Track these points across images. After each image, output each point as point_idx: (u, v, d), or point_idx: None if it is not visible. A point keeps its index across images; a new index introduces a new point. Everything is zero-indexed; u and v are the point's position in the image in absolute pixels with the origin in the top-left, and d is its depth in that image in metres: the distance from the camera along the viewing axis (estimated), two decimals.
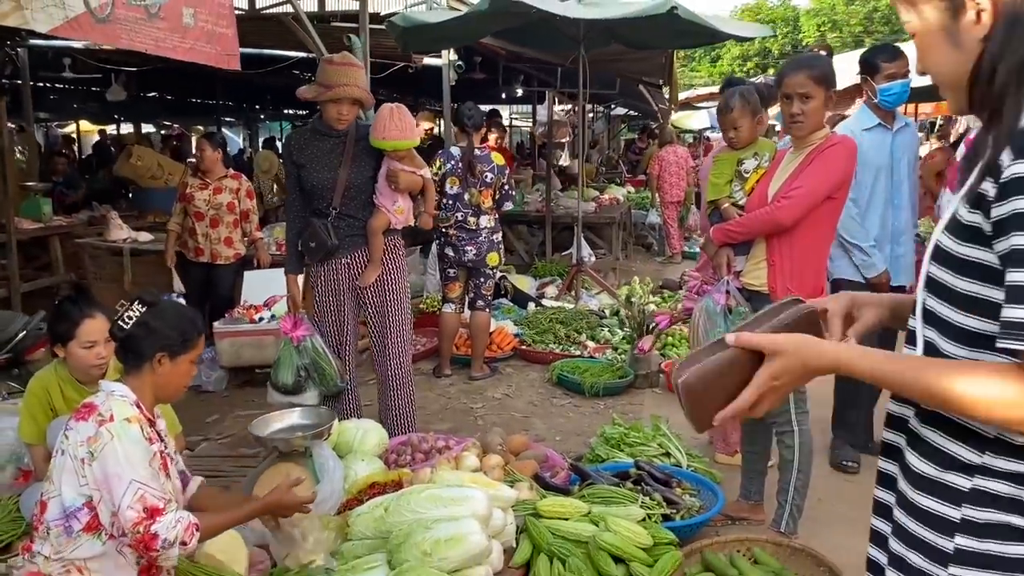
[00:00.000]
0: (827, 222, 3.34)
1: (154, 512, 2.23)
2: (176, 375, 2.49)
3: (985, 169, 1.19)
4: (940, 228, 1.28)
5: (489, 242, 5.81)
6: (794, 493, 3.47)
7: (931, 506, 1.29)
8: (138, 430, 2.32)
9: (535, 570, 3.03)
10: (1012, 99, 1.19)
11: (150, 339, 2.43)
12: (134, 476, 2.24)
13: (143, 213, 9.49)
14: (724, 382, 1.35)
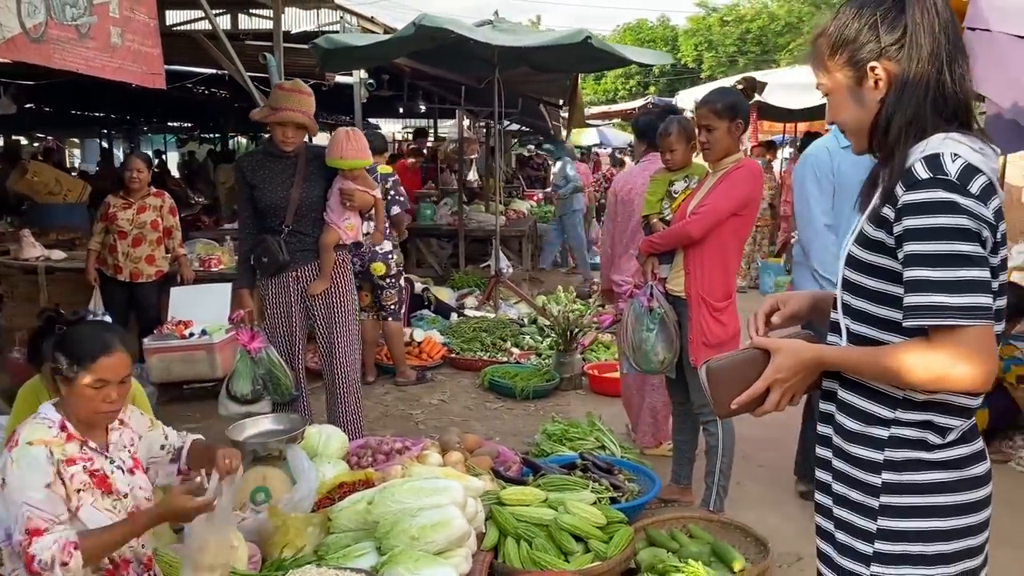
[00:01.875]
0: (734, 235, 3.78)
1: (33, 533, 2.25)
2: (79, 398, 2.45)
3: (884, 197, 1.62)
4: (851, 241, 1.71)
5: (371, 252, 5.94)
6: (720, 475, 3.92)
7: (860, 453, 1.70)
8: (40, 452, 2.35)
9: (505, 551, 3.35)
10: (903, 145, 1.62)
11: (53, 359, 2.48)
12: (25, 500, 2.28)
13: (44, 230, 9.25)
14: (743, 374, 1.73)
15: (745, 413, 1.79)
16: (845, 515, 1.73)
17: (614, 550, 3.32)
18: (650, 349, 3.77)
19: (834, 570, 1.76)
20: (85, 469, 2.46)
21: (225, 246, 7.36)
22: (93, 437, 2.55)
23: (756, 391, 1.73)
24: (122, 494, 2.56)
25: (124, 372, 2.52)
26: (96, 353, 2.44)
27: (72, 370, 2.43)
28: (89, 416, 2.50)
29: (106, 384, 2.46)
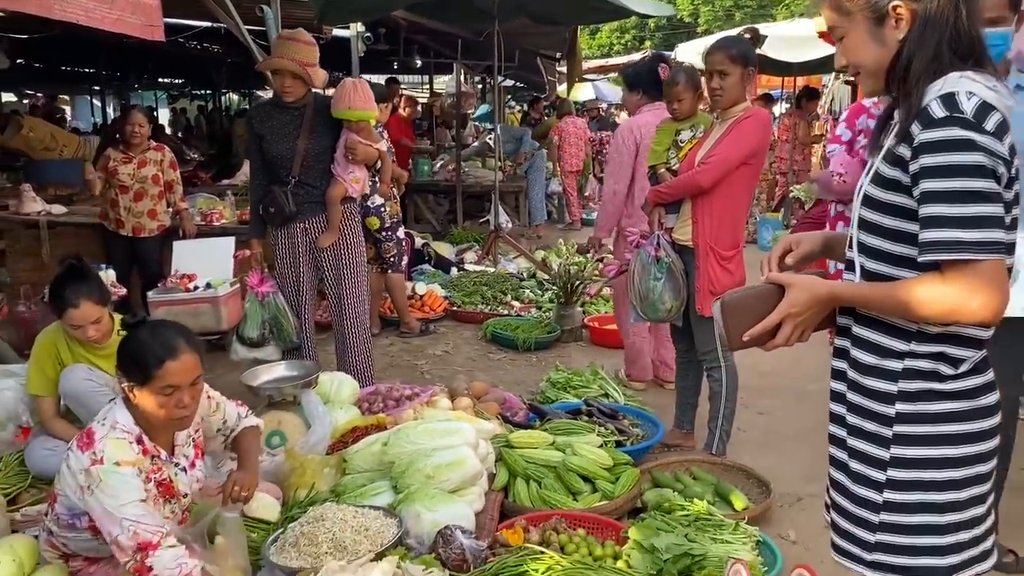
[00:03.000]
0: (743, 185, 3.82)
1: (147, 547, 2.26)
2: (148, 406, 2.38)
3: (900, 136, 1.67)
4: (866, 180, 1.76)
5: (363, 208, 5.91)
6: (723, 420, 4.02)
7: (875, 385, 1.77)
8: (129, 472, 2.35)
9: (515, 491, 3.46)
10: (921, 84, 1.66)
11: (119, 368, 2.44)
12: (125, 516, 2.28)
13: (41, 186, 9.22)
14: (756, 308, 1.79)
15: (756, 347, 1.85)
16: (859, 445, 1.81)
17: (621, 489, 3.42)
18: (657, 298, 3.83)
19: (848, 497, 1.84)
20: (155, 481, 2.48)
21: (226, 200, 7.37)
22: (162, 443, 2.52)
23: (769, 324, 1.79)
24: (182, 494, 2.60)
25: (194, 374, 2.41)
26: (162, 357, 2.34)
27: (138, 378, 2.36)
28: (163, 423, 2.44)
29: (176, 389, 2.37)
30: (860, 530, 1.81)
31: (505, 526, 3.07)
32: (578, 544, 2.93)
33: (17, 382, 3.54)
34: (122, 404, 2.47)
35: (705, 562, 2.80)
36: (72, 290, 3.26)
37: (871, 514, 1.78)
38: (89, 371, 3.36)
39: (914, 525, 1.75)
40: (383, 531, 2.75)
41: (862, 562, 1.81)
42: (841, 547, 1.87)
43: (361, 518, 2.79)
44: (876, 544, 1.78)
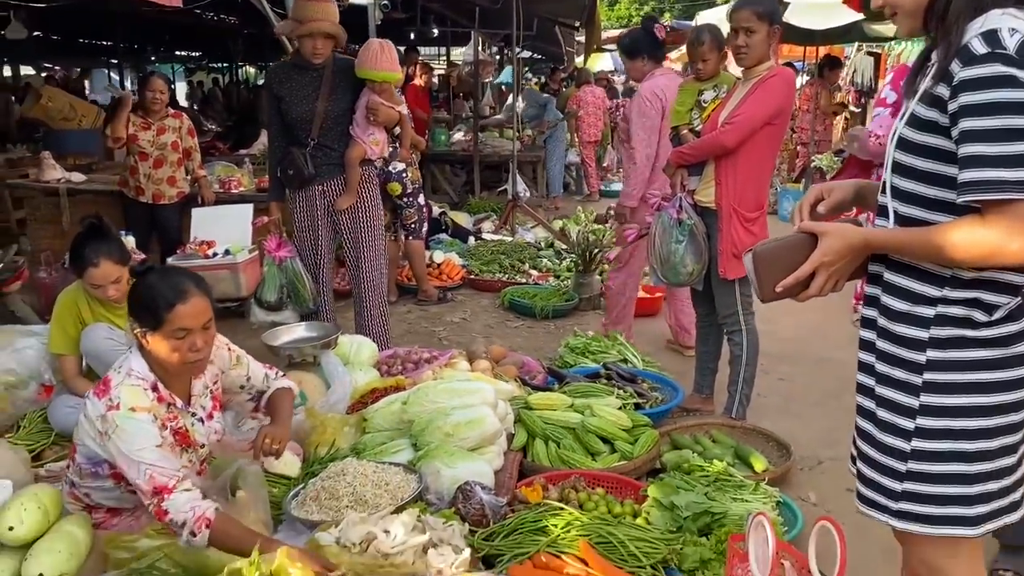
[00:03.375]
0: (767, 145, 3.77)
1: (162, 490, 2.26)
2: (161, 351, 2.37)
3: (939, 76, 1.62)
4: (902, 123, 1.72)
5: (385, 173, 5.94)
6: (743, 384, 4.00)
7: (906, 332, 1.74)
8: (144, 418, 2.35)
9: (533, 451, 3.46)
10: (962, 22, 1.61)
11: (130, 315, 2.43)
12: (141, 460, 2.28)
13: (60, 155, 9.27)
14: (789, 258, 1.76)
15: (789, 298, 1.82)
16: (888, 393, 1.78)
17: (640, 450, 3.42)
18: (679, 261, 3.80)
19: (875, 446, 1.81)
20: (171, 430, 2.48)
21: (244, 168, 7.37)
22: (178, 391, 2.52)
23: (802, 274, 1.76)
24: (199, 445, 2.59)
25: (205, 317, 2.40)
26: (172, 301, 2.33)
27: (150, 323, 2.34)
28: (177, 368, 2.42)
29: (188, 333, 2.35)
30: (887, 479, 1.78)
31: (524, 484, 3.07)
32: (597, 502, 2.93)
33: (39, 341, 3.56)
34: (137, 353, 2.47)
35: (725, 520, 2.80)
36: (92, 249, 3.27)
37: (898, 463, 1.76)
38: (110, 330, 3.38)
39: (942, 474, 1.72)
40: (403, 486, 2.76)
41: (888, 511, 1.79)
42: (867, 497, 1.85)
43: (381, 473, 2.80)
44: (903, 493, 1.76)
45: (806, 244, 1.76)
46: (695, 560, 2.58)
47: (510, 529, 2.67)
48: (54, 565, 2.23)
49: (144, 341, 2.38)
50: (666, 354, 5.22)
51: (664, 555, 2.58)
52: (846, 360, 5.04)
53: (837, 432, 4.09)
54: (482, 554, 2.59)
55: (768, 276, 1.79)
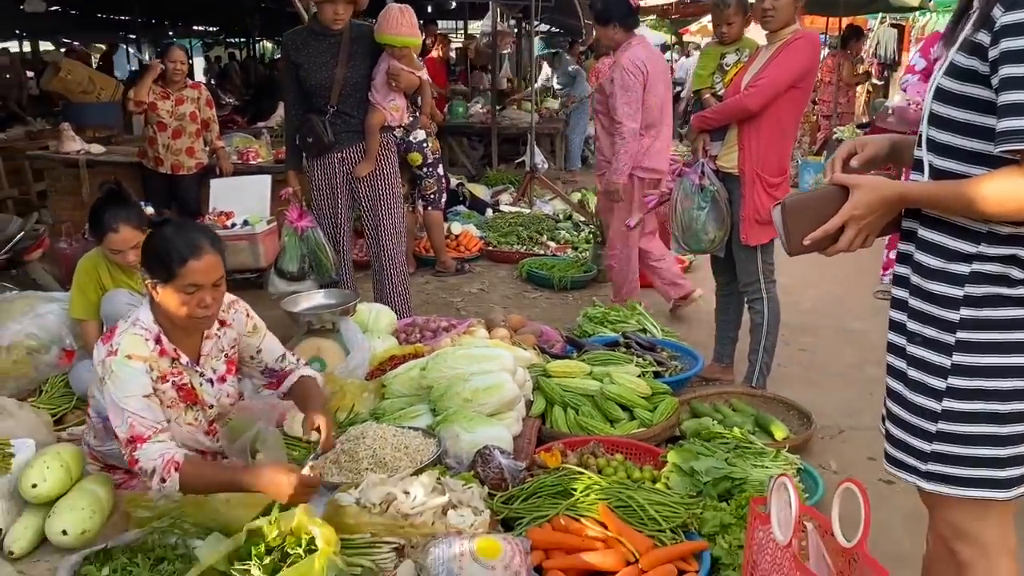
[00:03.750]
0: (791, 109, 3.71)
1: (136, 439, 2.27)
2: (171, 305, 2.36)
3: (980, 22, 1.57)
4: (940, 74, 1.67)
5: (406, 143, 5.92)
6: (763, 353, 3.96)
7: (939, 290, 1.70)
8: (138, 367, 2.35)
9: (552, 418, 3.45)
10: None
11: (143, 266, 2.43)
12: (126, 407, 2.29)
13: (80, 128, 9.30)
14: (819, 210, 1.72)
15: (816, 251, 1.78)
16: (919, 352, 1.74)
17: (659, 417, 3.40)
18: (700, 228, 3.76)
19: (904, 406, 1.78)
20: (174, 385, 2.47)
21: (262, 139, 7.36)
22: (185, 348, 2.50)
23: (832, 227, 1.72)
24: (208, 405, 2.58)
25: (216, 275, 2.38)
26: (186, 255, 2.31)
27: (161, 275, 2.34)
28: (184, 323, 2.41)
29: (199, 288, 2.35)
30: (916, 440, 1.75)
31: (543, 449, 3.06)
32: (616, 468, 2.91)
33: (60, 307, 3.58)
34: (147, 305, 2.47)
35: (745, 485, 2.78)
36: (112, 215, 3.27)
37: (928, 423, 1.72)
38: (130, 295, 3.39)
39: (973, 435, 1.69)
40: (422, 449, 2.76)
41: (916, 472, 1.77)
42: (895, 458, 1.82)
43: (401, 437, 2.80)
44: (932, 454, 1.73)
45: (837, 197, 1.72)
46: (715, 524, 2.57)
47: (529, 493, 2.66)
48: (76, 522, 2.25)
49: (154, 292, 2.38)
50: (685, 324, 5.19)
51: (684, 519, 2.57)
52: (868, 331, 5.00)
53: (858, 402, 4.05)
54: (501, 517, 2.59)
55: (797, 228, 1.75)
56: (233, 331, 2.63)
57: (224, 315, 2.59)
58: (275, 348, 2.73)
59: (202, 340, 2.55)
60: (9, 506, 2.30)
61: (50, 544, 2.28)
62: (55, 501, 2.31)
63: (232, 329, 2.63)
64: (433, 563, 2.17)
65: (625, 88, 4.50)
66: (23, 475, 2.30)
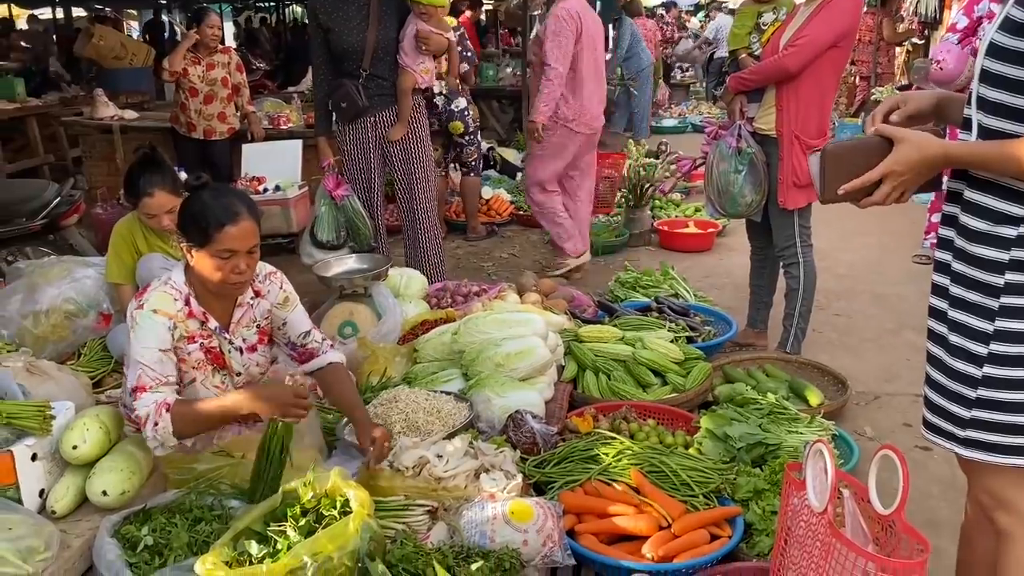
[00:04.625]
0: (831, 69, 3.62)
1: (139, 390, 2.29)
2: (204, 269, 2.36)
3: None
4: (994, 29, 1.61)
5: (448, 112, 5.91)
6: (799, 318, 3.91)
7: (985, 253, 1.65)
8: (161, 321, 2.36)
9: (584, 383, 3.44)
10: None
11: (179, 228, 2.41)
12: (140, 359, 2.31)
13: (113, 94, 9.36)
14: (860, 160, 1.68)
15: (849, 202, 1.74)
16: (961, 317, 1.70)
17: (692, 383, 3.38)
18: (737, 192, 3.69)
19: (944, 372, 1.74)
20: (202, 347, 2.47)
21: (293, 104, 7.36)
22: (216, 313, 2.50)
23: (870, 179, 1.68)
24: (235, 372, 2.58)
25: (252, 241, 2.37)
26: (223, 221, 2.30)
27: (197, 239, 2.33)
28: (217, 287, 2.40)
29: (234, 254, 2.33)
30: (955, 406, 1.72)
31: (575, 414, 3.06)
32: (648, 433, 2.90)
33: (96, 271, 3.61)
34: (181, 268, 2.49)
35: (779, 451, 2.76)
36: (146, 180, 3.27)
37: (968, 389, 1.69)
38: (165, 260, 3.41)
39: (1014, 403, 1.65)
40: (455, 413, 2.76)
41: (954, 439, 1.74)
42: (933, 424, 1.79)
43: (433, 401, 2.81)
44: (971, 420, 1.69)
45: (879, 149, 1.68)
46: (748, 490, 2.55)
47: (561, 457, 2.66)
48: (116, 483, 2.29)
49: (189, 256, 2.39)
50: (718, 289, 5.13)
51: (717, 484, 2.56)
52: (904, 295, 4.91)
53: (894, 367, 3.99)
54: (533, 481, 2.59)
55: (834, 176, 1.71)
56: (267, 302, 2.61)
57: (260, 285, 2.58)
58: (301, 323, 2.68)
59: (234, 307, 2.54)
60: (51, 467, 2.34)
61: (91, 504, 2.32)
62: (95, 462, 2.35)
63: (266, 300, 2.61)
64: (466, 526, 2.18)
65: (556, 34, 4.78)
66: (64, 437, 2.33)
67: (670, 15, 17.23)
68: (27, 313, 3.39)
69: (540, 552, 2.17)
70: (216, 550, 1.87)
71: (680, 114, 12.79)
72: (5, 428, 2.25)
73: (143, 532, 2.10)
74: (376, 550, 1.98)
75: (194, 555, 2.02)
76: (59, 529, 2.17)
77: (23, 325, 3.38)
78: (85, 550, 2.18)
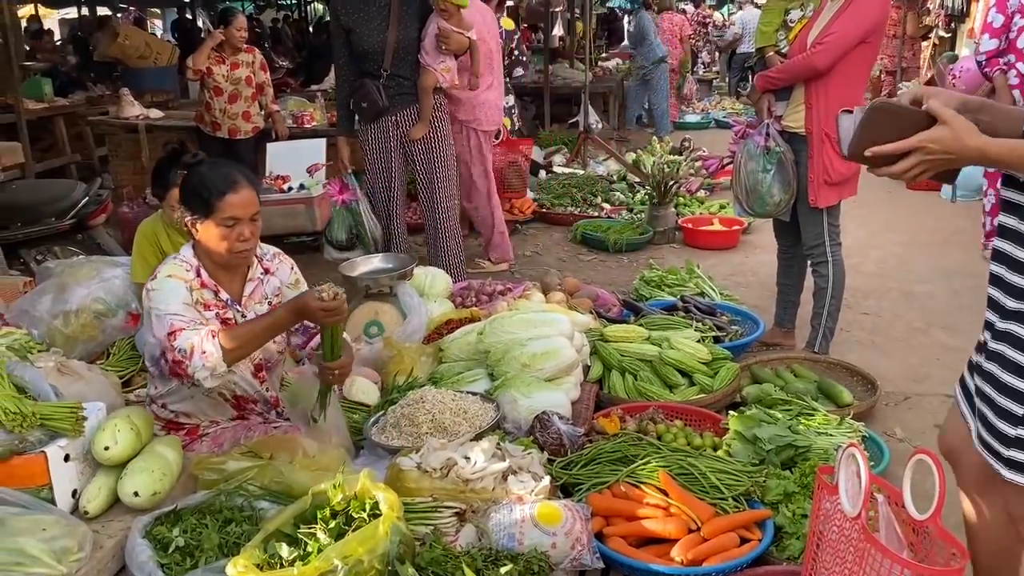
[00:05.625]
0: (861, 65, 3.57)
1: (175, 331, 2.35)
2: (211, 240, 2.44)
3: None
4: None
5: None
6: (827, 318, 3.86)
7: None
8: (180, 284, 2.44)
9: (610, 383, 3.42)
10: None
11: (182, 204, 2.49)
12: (167, 311, 2.38)
13: (138, 93, 9.44)
14: (900, 125, 1.62)
15: (869, 164, 1.70)
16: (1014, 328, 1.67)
17: (720, 383, 3.35)
18: (766, 191, 3.66)
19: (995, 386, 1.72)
20: (218, 316, 2.53)
21: (316, 103, 7.38)
22: (227, 287, 2.56)
23: (900, 148, 1.62)
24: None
25: (253, 208, 2.47)
26: (223, 190, 2.39)
27: (201, 210, 2.41)
28: (224, 257, 2.47)
29: (237, 222, 2.42)
30: (1002, 423, 1.69)
31: (601, 415, 3.04)
32: (676, 434, 2.88)
33: (124, 271, 3.65)
34: (189, 245, 2.57)
35: (809, 453, 2.72)
36: (175, 171, 3.30)
37: (1017, 406, 1.65)
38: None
39: None
40: (481, 414, 2.76)
41: (999, 457, 1.70)
42: (983, 439, 1.76)
43: (460, 401, 2.81)
44: (1015, 439, 1.66)
45: (921, 123, 1.63)
46: (778, 493, 2.53)
47: (588, 459, 2.65)
48: (147, 484, 2.30)
49: (194, 230, 2.46)
50: (744, 287, 5.09)
51: (747, 487, 2.54)
52: (933, 293, 4.85)
53: (924, 367, 3.95)
54: (560, 482, 2.58)
55: (869, 135, 1.65)
56: (276, 279, 2.70)
57: (269, 263, 2.69)
58: None
59: (245, 282, 2.61)
60: (83, 467, 2.35)
61: (122, 505, 2.33)
62: (126, 463, 2.36)
63: (275, 277, 2.70)
64: (494, 528, 2.17)
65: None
66: (95, 438, 2.35)
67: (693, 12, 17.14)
68: (57, 313, 3.43)
69: (569, 555, 2.16)
70: (247, 552, 1.88)
71: (703, 110, 12.71)
72: (39, 429, 2.27)
73: (174, 533, 2.11)
74: (406, 553, 1.97)
75: (225, 556, 2.03)
76: (91, 530, 2.18)
77: (53, 325, 3.41)
78: (117, 551, 2.19)
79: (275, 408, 2.79)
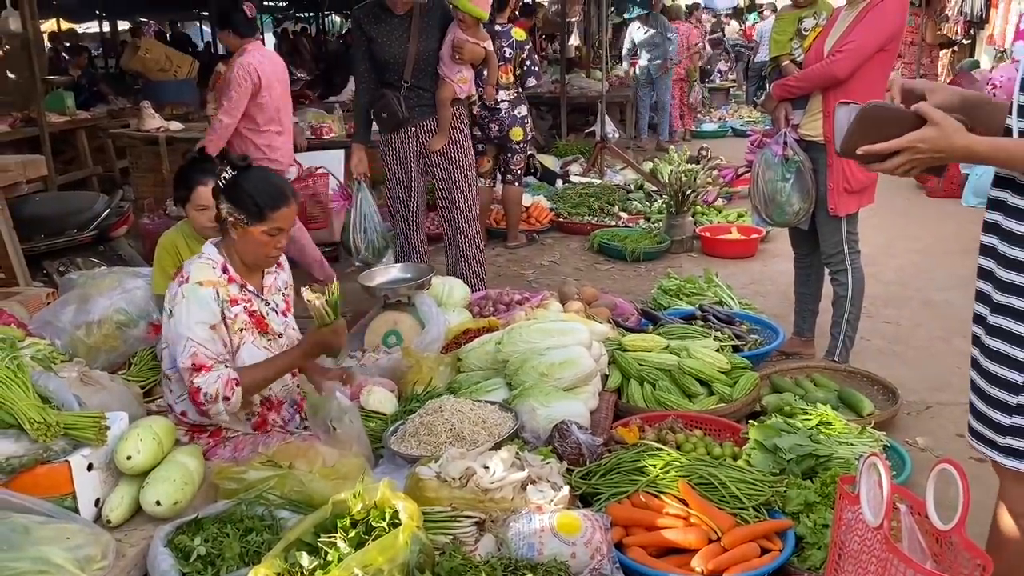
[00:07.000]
0: (879, 73, 3.55)
1: (199, 368, 2.46)
2: (251, 243, 2.58)
3: None
4: None
5: (511, 118, 5.90)
6: (847, 326, 3.85)
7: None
8: (207, 293, 2.52)
9: (628, 392, 3.42)
10: None
11: (229, 204, 2.56)
12: (191, 335, 2.47)
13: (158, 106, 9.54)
14: (887, 127, 1.69)
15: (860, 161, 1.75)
16: (1002, 322, 1.71)
17: (740, 393, 3.34)
18: (785, 200, 3.65)
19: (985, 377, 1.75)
20: (245, 309, 2.64)
21: (335, 115, 7.43)
22: (250, 280, 2.70)
23: (889, 147, 1.68)
24: (277, 334, 2.75)
25: (293, 220, 2.67)
26: (277, 203, 2.55)
27: (252, 215, 2.54)
28: (257, 260, 2.65)
29: (280, 232, 2.60)
30: (995, 412, 1.73)
31: (620, 424, 3.04)
32: (695, 444, 2.88)
33: (146, 282, 3.68)
34: (211, 243, 2.69)
35: (830, 463, 2.71)
36: (198, 172, 3.35)
37: (1008, 395, 1.69)
38: None
39: None
40: (500, 424, 2.76)
41: (994, 446, 1.74)
42: (976, 430, 1.80)
43: (478, 411, 2.81)
44: (1010, 428, 1.70)
45: (910, 123, 1.68)
46: (799, 503, 2.51)
47: (607, 468, 2.64)
48: (169, 493, 2.32)
49: (234, 230, 2.57)
50: (763, 296, 5.07)
51: (767, 497, 2.52)
52: (953, 301, 4.81)
53: (945, 376, 3.91)
54: (580, 492, 2.58)
55: (861, 134, 1.72)
56: (285, 274, 2.88)
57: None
58: None
59: (263, 275, 2.77)
60: (106, 476, 2.38)
61: (144, 513, 2.35)
62: (148, 472, 2.39)
63: (284, 272, 2.88)
64: (513, 538, 2.17)
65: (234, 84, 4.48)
66: (118, 447, 2.37)
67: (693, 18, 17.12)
68: (80, 323, 3.46)
69: (588, 565, 2.16)
70: (268, 562, 1.89)
71: (720, 118, 12.69)
72: (62, 439, 2.29)
73: (196, 542, 2.13)
74: (425, 563, 1.98)
75: (246, 565, 2.05)
76: (114, 538, 2.20)
77: (76, 335, 3.44)
78: (140, 559, 2.21)
79: (299, 412, 2.89)
